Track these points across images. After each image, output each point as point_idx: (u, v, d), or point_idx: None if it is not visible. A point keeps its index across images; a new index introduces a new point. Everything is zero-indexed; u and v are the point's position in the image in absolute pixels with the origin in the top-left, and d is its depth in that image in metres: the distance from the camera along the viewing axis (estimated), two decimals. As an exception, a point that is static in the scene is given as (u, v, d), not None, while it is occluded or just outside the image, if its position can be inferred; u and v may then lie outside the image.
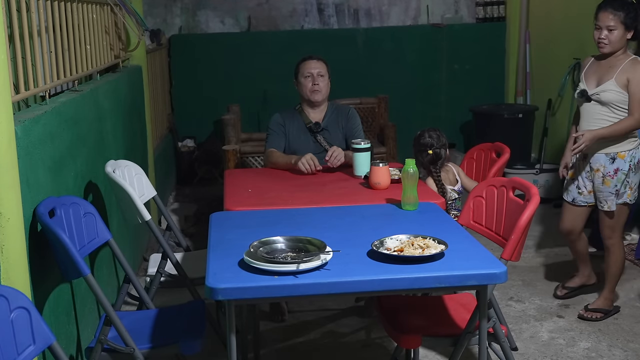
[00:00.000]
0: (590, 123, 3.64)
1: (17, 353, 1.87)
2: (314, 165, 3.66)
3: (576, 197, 3.82)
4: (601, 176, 3.67)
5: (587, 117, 3.68)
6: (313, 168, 3.66)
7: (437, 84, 7.42)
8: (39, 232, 2.50)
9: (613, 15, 3.53)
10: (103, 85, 3.77)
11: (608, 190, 3.67)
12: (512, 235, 2.56)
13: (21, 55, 2.61)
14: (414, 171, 2.91)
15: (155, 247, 4.74)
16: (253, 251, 2.25)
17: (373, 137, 6.06)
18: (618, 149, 3.63)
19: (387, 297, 2.91)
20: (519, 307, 3.99)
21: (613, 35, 3.55)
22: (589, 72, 3.72)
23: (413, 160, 2.95)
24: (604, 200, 3.70)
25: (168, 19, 7.18)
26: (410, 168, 2.91)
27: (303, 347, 3.65)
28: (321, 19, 7.33)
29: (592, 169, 3.70)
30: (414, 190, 2.93)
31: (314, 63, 3.98)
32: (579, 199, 3.82)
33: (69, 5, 3.35)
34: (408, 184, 2.93)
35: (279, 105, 4.82)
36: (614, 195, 3.67)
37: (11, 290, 1.90)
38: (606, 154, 3.65)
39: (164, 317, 2.87)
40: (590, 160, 3.70)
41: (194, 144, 7.08)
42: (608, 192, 3.67)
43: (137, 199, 3.06)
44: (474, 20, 7.51)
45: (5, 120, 2.14)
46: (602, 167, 3.66)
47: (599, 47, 3.61)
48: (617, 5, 3.55)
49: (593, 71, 3.69)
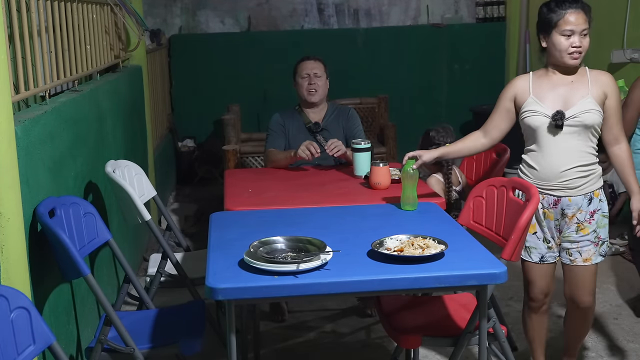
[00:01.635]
0: (569, 157, 2.83)
1: (17, 353, 1.87)
2: (314, 149, 3.67)
3: (545, 254, 2.97)
4: (576, 222, 2.90)
5: (561, 149, 2.83)
6: (313, 152, 3.66)
7: (437, 84, 7.42)
8: (39, 232, 2.50)
9: (586, 16, 2.79)
10: (103, 85, 3.77)
11: (586, 239, 2.91)
12: (512, 235, 2.56)
13: (21, 55, 2.61)
14: (413, 171, 2.91)
15: (155, 247, 4.74)
16: (253, 251, 2.25)
17: (373, 137, 6.06)
18: (594, 187, 2.89)
19: (387, 297, 2.91)
20: (519, 307, 3.98)
21: (586, 41, 2.80)
22: (542, 93, 2.86)
23: (413, 160, 2.95)
24: (577, 252, 2.92)
25: (168, 19, 7.18)
26: (410, 168, 2.91)
27: (303, 347, 3.65)
28: (321, 19, 7.34)
29: (565, 215, 2.90)
30: (414, 190, 2.91)
31: (311, 63, 3.98)
32: (548, 256, 2.98)
33: (69, 5, 3.35)
34: (408, 184, 2.92)
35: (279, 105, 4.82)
36: (592, 244, 2.91)
37: (11, 290, 1.90)
38: (584, 195, 2.88)
39: (164, 317, 2.87)
40: (564, 207, 2.89)
41: (194, 144, 7.08)
42: (587, 240, 2.91)
43: (137, 199, 3.06)
44: (474, 20, 7.52)
45: (5, 120, 2.14)
46: (578, 212, 2.89)
47: (571, 59, 2.79)
48: (584, 4, 2.83)
49: (548, 90, 2.86)
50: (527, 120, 2.88)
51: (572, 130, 2.81)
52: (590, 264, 2.92)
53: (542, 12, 2.86)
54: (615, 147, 2.91)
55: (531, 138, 2.92)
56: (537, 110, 2.85)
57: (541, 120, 2.84)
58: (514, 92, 2.93)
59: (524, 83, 2.92)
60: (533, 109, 2.86)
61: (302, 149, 3.67)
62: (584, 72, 2.87)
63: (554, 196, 2.88)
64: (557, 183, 2.86)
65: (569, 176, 2.84)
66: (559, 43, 2.78)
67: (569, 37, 2.77)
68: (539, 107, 2.84)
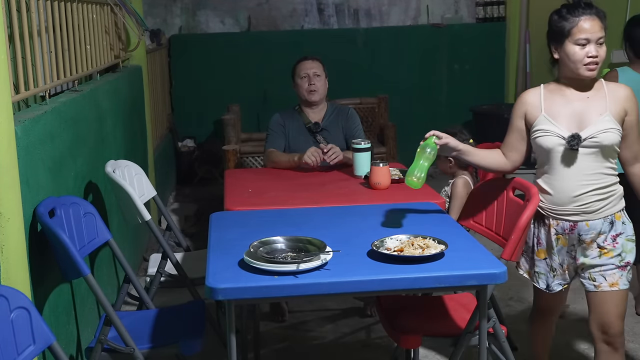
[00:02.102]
0: (585, 180, 2.57)
1: (17, 353, 1.87)
2: (320, 156, 3.67)
3: (551, 284, 2.76)
4: (597, 247, 2.64)
5: (576, 171, 2.58)
6: (319, 159, 3.67)
7: (437, 84, 7.42)
8: (39, 232, 2.50)
9: (602, 23, 2.55)
10: (103, 85, 3.77)
11: (611, 262, 2.63)
12: (512, 235, 2.56)
13: (21, 55, 2.61)
14: (433, 148, 2.56)
15: (155, 247, 4.74)
16: (253, 251, 2.25)
17: (373, 137, 6.06)
18: (615, 209, 2.63)
19: (387, 297, 2.91)
20: (519, 307, 3.99)
21: (603, 50, 2.54)
22: (555, 110, 2.60)
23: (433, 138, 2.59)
24: (600, 276, 2.64)
25: (168, 19, 7.18)
26: (433, 143, 2.57)
27: (303, 347, 3.65)
28: (321, 19, 7.34)
29: (583, 240, 2.64)
30: (426, 169, 2.55)
31: (310, 63, 3.98)
32: (554, 284, 2.76)
33: (69, 5, 3.35)
34: (424, 159, 2.55)
35: (279, 105, 4.83)
36: (618, 268, 2.63)
37: (11, 290, 1.90)
38: (604, 218, 2.62)
39: (164, 317, 2.87)
40: (581, 232, 2.63)
41: (194, 144, 7.08)
42: (611, 264, 2.63)
43: (137, 199, 3.07)
44: (474, 20, 7.52)
45: (5, 120, 2.14)
46: (598, 237, 2.63)
47: (587, 70, 2.53)
48: (598, 9, 2.58)
49: (561, 107, 2.60)
50: (538, 140, 2.62)
51: (588, 151, 2.55)
52: (617, 289, 2.61)
53: (553, 20, 2.60)
54: (635, 167, 2.65)
55: (543, 159, 2.66)
56: (550, 130, 2.58)
57: (554, 141, 2.58)
58: (523, 109, 2.67)
59: (534, 98, 2.65)
60: (545, 128, 2.59)
61: (308, 154, 3.67)
62: (601, 85, 2.61)
63: (569, 221, 2.62)
64: (573, 207, 2.61)
65: (584, 200, 2.59)
66: (573, 53, 2.52)
67: (584, 47, 2.51)
68: (552, 126, 2.58)
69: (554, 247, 2.68)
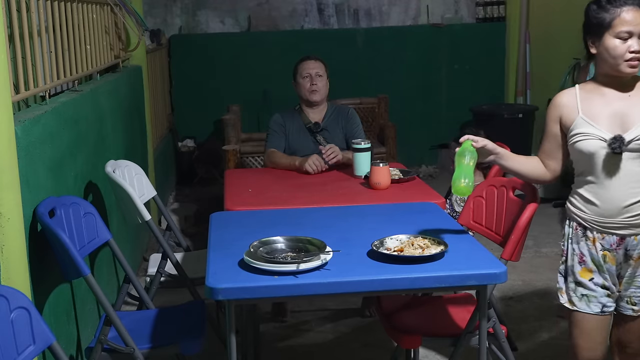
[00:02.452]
0: (634, 187, 2.31)
1: (17, 353, 1.87)
2: (321, 165, 3.67)
3: (606, 303, 2.40)
4: None
5: (624, 179, 2.31)
6: (320, 168, 3.67)
7: (437, 84, 7.42)
8: (39, 232, 2.50)
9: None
10: (103, 85, 3.77)
11: None
12: (512, 235, 2.56)
13: (21, 55, 2.61)
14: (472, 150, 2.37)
15: (155, 247, 4.74)
16: (253, 251, 2.25)
17: (373, 137, 6.06)
18: None
19: (387, 297, 2.91)
20: (519, 307, 3.99)
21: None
22: (593, 111, 2.35)
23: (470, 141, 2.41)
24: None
25: (168, 19, 7.18)
26: (468, 150, 2.37)
27: (303, 347, 3.65)
28: (321, 19, 7.34)
29: (630, 257, 2.37)
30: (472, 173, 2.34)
31: (312, 63, 3.98)
32: (610, 304, 2.41)
33: (69, 5, 3.35)
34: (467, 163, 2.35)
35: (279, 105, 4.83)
36: None
37: (11, 290, 1.90)
38: None
39: (164, 317, 2.87)
40: (629, 247, 2.36)
41: (194, 144, 7.08)
42: None
43: (137, 199, 3.07)
44: (474, 20, 7.52)
45: (5, 120, 2.14)
46: None
47: (628, 67, 2.29)
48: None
49: (601, 107, 2.35)
50: (578, 145, 2.35)
51: (635, 155, 2.29)
52: None
53: (591, 10, 2.35)
54: None
55: (585, 166, 2.37)
56: (590, 133, 2.32)
57: (596, 145, 2.31)
58: (558, 113, 2.41)
59: (569, 99, 2.40)
60: (584, 131, 2.33)
61: (310, 163, 3.67)
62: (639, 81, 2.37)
63: (617, 235, 2.35)
64: (621, 220, 2.33)
65: (635, 211, 2.32)
66: (613, 48, 2.28)
67: (626, 41, 2.26)
68: (592, 128, 2.32)
69: (602, 264, 2.38)
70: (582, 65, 3.52)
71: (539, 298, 4.10)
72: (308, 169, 3.66)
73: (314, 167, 3.66)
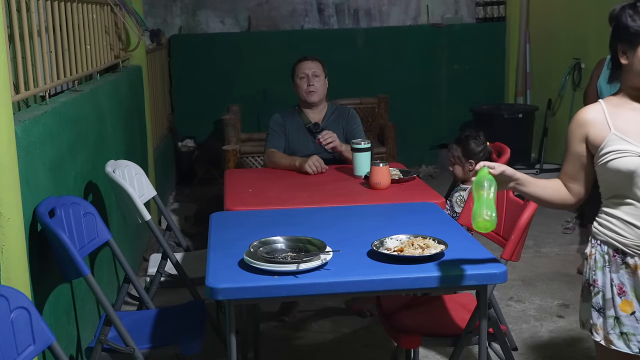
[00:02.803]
0: None
1: (17, 353, 1.87)
2: (321, 166, 3.68)
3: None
4: None
5: None
6: (320, 169, 3.67)
7: (437, 84, 7.43)
8: (39, 232, 2.50)
9: None
10: (103, 85, 3.77)
11: None
12: (512, 235, 2.56)
13: (21, 55, 2.61)
14: (491, 181, 2.12)
15: (155, 247, 4.74)
16: (253, 251, 2.25)
17: (373, 137, 6.06)
18: None
19: (387, 297, 2.91)
20: (519, 307, 3.99)
21: None
22: (626, 127, 2.12)
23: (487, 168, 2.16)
24: None
25: (168, 19, 7.18)
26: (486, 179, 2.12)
27: (303, 347, 3.65)
28: (321, 19, 7.34)
29: None
30: (494, 205, 2.09)
31: (309, 63, 3.98)
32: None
33: (69, 5, 3.35)
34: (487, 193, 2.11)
35: (279, 105, 4.83)
36: None
37: (11, 290, 1.90)
38: None
39: (164, 317, 2.87)
40: None
41: (194, 144, 7.08)
42: None
43: (137, 199, 3.07)
44: (474, 20, 7.52)
45: (5, 120, 2.14)
46: None
47: None
48: None
49: (634, 123, 2.12)
50: (613, 163, 2.11)
51: None
52: None
53: (625, 16, 2.09)
54: None
55: (621, 185, 2.14)
56: (626, 150, 2.09)
57: (635, 162, 2.08)
58: (584, 131, 2.18)
59: (596, 116, 2.17)
60: (619, 148, 2.10)
61: (309, 164, 3.67)
62: None
63: None
64: None
65: None
66: None
67: None
68: (628, 145, 2.09)
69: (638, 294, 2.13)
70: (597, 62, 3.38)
71: (539, 298, 4.10)
72: (308, 169, 3.66)
73: (313, 168, 3.66)
